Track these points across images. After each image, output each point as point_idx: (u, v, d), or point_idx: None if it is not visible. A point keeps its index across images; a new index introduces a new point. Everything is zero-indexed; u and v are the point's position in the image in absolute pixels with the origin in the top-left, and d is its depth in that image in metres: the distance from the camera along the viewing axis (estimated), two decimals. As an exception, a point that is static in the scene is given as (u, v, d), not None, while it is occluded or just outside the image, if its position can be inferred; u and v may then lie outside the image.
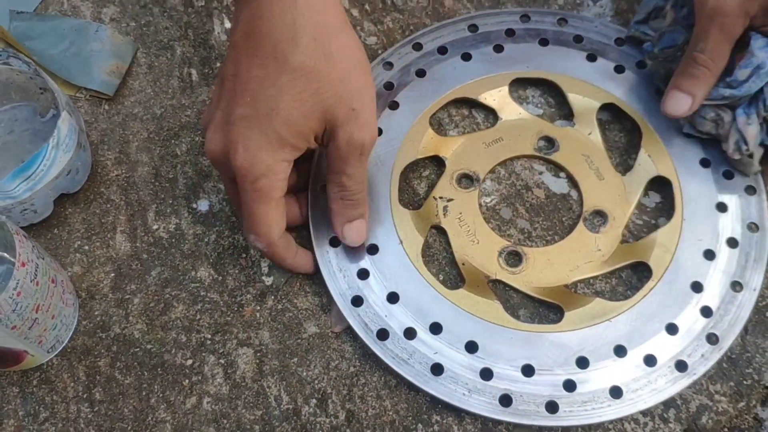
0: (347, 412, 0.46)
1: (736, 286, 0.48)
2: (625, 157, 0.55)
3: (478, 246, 0.51)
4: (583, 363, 0.46)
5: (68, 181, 0.51)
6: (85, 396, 0.47)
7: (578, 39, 0.57)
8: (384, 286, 0.49)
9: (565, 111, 0.57)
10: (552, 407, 0.45)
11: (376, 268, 0.49)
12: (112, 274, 0.51)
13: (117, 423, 0.46)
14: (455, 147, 0.54)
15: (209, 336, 0.49)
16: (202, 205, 0.54)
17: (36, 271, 0.43)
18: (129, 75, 0.59)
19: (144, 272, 0.51)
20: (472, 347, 0.47)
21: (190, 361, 0.48)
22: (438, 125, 0.56)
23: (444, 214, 0.52)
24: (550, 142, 0.55)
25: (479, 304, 0.48)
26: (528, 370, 0.46)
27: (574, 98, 0.56)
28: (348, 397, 0.47)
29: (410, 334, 0.47)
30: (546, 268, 0.50)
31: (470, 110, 0.57)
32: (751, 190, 0.51)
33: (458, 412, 0.46)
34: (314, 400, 0.47)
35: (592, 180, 0.53)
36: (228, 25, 0.61)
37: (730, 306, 0.48)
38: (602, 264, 0.50)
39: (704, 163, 0.52)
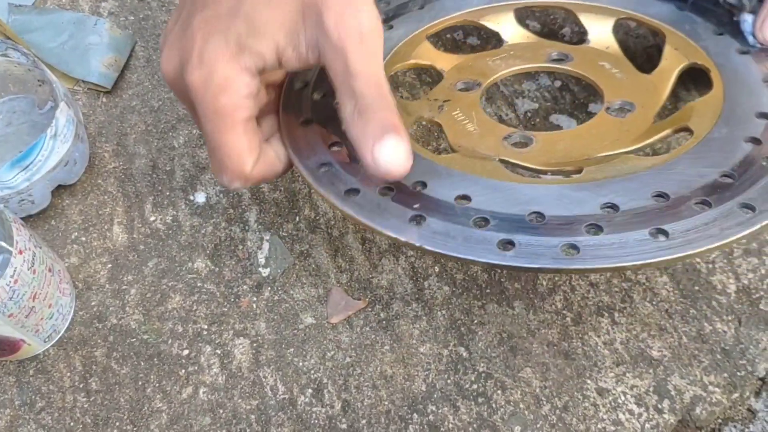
0: (343, 402, 0.47)
1: None
2: (649, 62, 0.50)
3: (478, 133, 0.43)
4: (611, 208, 0.36)
5: (66, 173, 0.52)
6: (81, 386, 0.47)
7: None
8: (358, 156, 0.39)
9: (577, 36, 0.54)
10: (571, 249, 0.34)
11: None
12: (109, 265, 0.51)
13: (113, 412, 0.47)
14: (456, 63, 0.49)
15: (206, 326, 0.49)
16: (199, 197, 0.54)
17: (33, 259, 0.43)
18: (127, 68, 0.59)
19: (141, 263, 0.51)
20: (464, 199, 0.37)
21: (186, 352, 0.48)
22: (436, 41, 0.51)
23: (439, 111, 0.44)
24: (564, 56, 0.50)
25: (475, 163, 0.39)
26: (537, 217, 0.36)
27: (587, 18, 0.51)
28: (344, 387, 0.47)
29: (385, 191, 0.38)
30: (561, 146, 0.42)
31: (473, 34, 0.54)
32: None
33: (453, 403, 0.46)
34: (310, 390, 0.47)
35: (614, 80, 0.47)
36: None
37: None
38: (632, 141, 0.42)
39: (741, 52, 0.47)
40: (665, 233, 0.34)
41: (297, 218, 0.53)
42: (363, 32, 0.34)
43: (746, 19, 0.48)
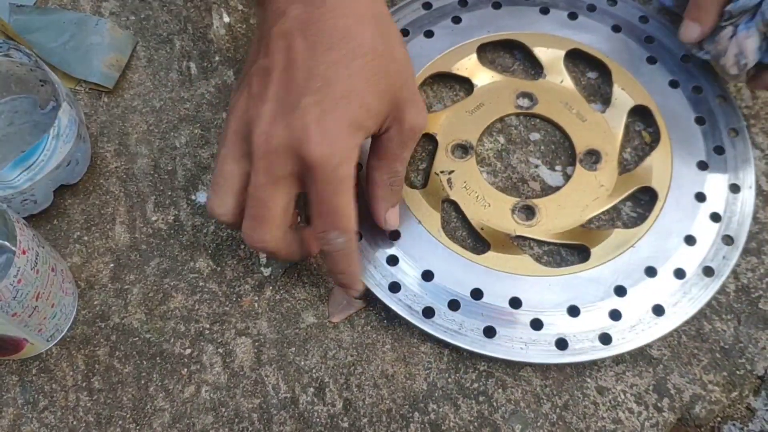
0: (344, 400, 0.47)
1: (734, 188, 0.51)
2: (599, 96, 0.58)
3: (491, 208, 0.52)
4: (621, 291, 0.48)
5: (68, 172, 0.52)
6: (84, 384, 0.48)
7: None
8: (416, 267, 0.49)
9: (533, 66, 0.59)
10: (605, 339, 0.46)
11: (403, 252, 0.50)
12: (112, 265, 0.52)
13: (116, 411, 0.47)
14: (441, 121, 0.56)
15: (208, 326, 0.49)
16: (201, 197, 0.54)
17: (36, 259, 0.44)
18: (128, 68, 0.60)
19: (143, 263, 0.52)
20: (516, 303, 0.48)
21: (188, 351, 0.49)
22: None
23: (450, 187, 0.53)
24: (529, 97, 0.57)
25: (510, 261, 0.50)
26: (573, 311, 0.47)
27: (540, 51, 0.58)
28: (345, 386, 0.47)
29: (454, 305, 0.48)
30: (559, 213, 0.52)
31: (447, 83, 0.59)
32: (721, 99, 0.55)
33: (454, 401, 0.46)
34: (312, 389, 0.47)
35: (577, 123, 0.55)
36: (227, 19, 0.62)
37: (734, 207, 0.51)
38: (608, 198, 0.52)
39: (673, 84, 0.56)
40: (662, 309, 0.47)
41: (297, 217, 0.53)
42: (419, 133, 0.46)
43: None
